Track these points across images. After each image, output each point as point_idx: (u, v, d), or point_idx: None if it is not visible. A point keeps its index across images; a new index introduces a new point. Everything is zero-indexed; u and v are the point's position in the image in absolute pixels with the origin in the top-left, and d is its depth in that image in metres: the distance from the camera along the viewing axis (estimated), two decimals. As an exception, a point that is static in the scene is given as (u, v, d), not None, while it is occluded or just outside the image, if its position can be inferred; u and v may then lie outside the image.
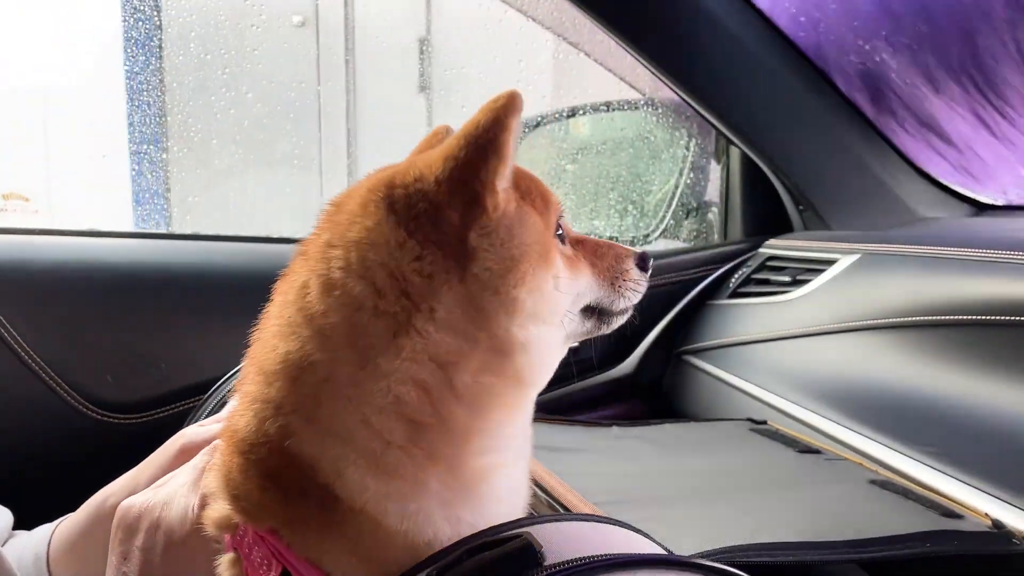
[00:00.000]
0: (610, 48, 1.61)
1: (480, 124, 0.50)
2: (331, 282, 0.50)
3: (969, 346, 0.99)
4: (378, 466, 0.49)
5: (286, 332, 0.51)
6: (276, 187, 1.97)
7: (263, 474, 0.51)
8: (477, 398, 0.51)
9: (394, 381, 0.49)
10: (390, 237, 0.50)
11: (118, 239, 1.42)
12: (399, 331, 0.50)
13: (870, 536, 0.72)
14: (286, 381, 0.50)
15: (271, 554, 0.51)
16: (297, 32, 2.10)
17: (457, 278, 0.51)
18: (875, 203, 1.51)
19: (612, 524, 0.55)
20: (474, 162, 0.50)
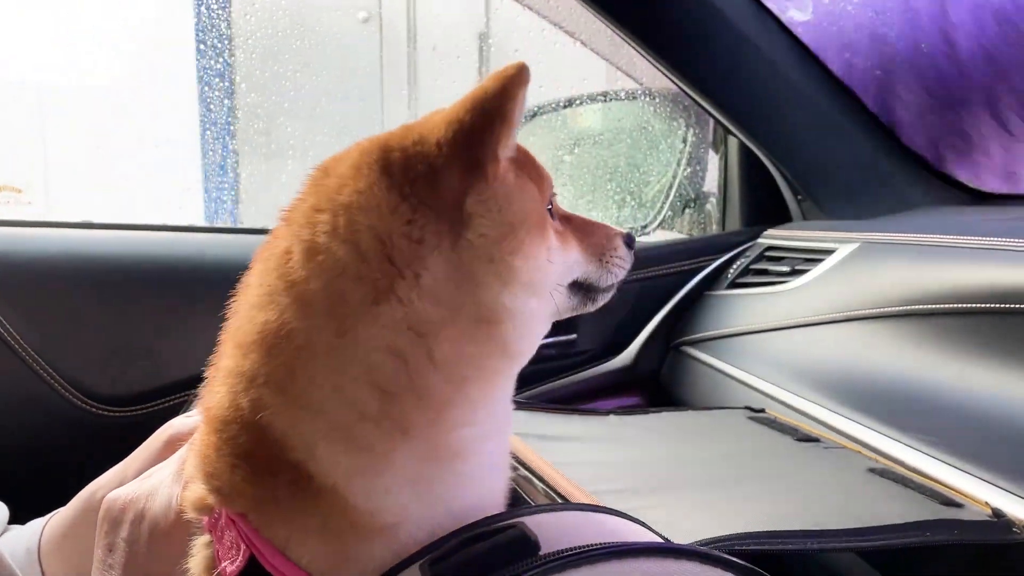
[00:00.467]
0: (608, 38, 1.60)
1: (488, 91, 0.50)
2: (315, 247, 0.49)
3: (968, 335, 0.98)
4: (349, 440, 0.48)
5: (264, 301, 0.50)
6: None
7: (235, 453, 0.50)
8: (456, 369, 0.50)
9: (370, 349, 0.48)
10: (382, 200, 0.49)
11: (111, 231, 1.41)
12: (379, 298, 0.48)
13: (869, 525, 0.71)
14: (261, 351, 0.49)
15: (239, 537, 0.50)
16: (362, 27, 2.12)
17: (449, 244, 0.50)
18: (873, 192, 1.50)
19: (609, 513, 0.54)
20: (479, 127, 0.50)
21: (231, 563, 0.50)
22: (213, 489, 0.52)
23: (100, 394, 1.29)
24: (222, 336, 0.54)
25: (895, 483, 0.84)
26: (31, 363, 1.26)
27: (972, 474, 0.85)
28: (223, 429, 0.51)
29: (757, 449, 0.97)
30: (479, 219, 0.50)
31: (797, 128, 1.49)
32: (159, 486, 0.62)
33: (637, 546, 0.46)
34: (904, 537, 0.70)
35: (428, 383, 0.49)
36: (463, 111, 0.50)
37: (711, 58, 1.42)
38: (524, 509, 0.52)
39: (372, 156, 0.51)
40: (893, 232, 1.25)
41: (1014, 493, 0.80)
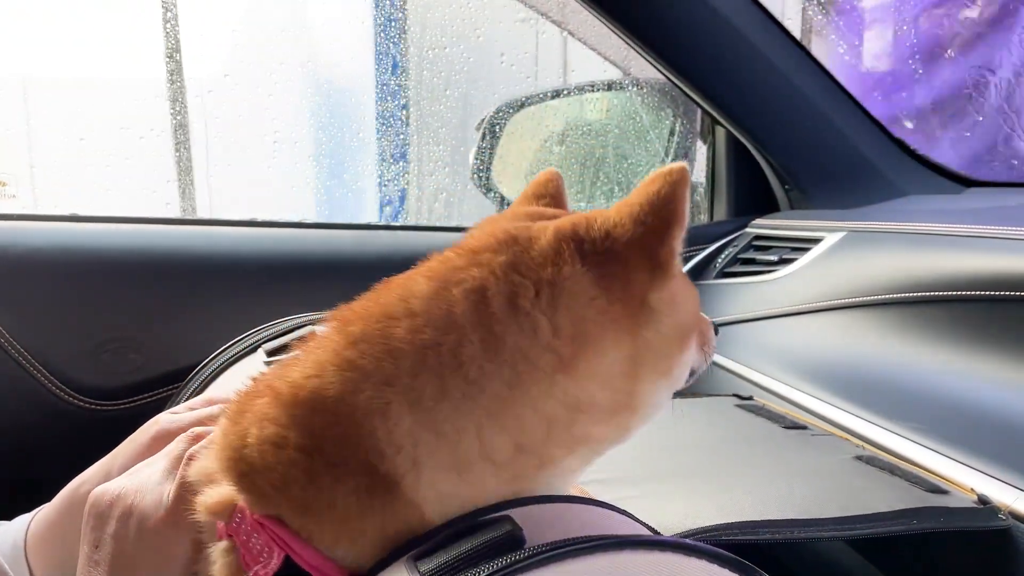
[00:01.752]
0: (596, 28, 1.60)
1: (662, 194, 0.53)
2: (517, 307, 0.51)
3: (954, 322, 0.99)
4: (464, 472, 0.50)
5: (443, 324, 0.51)
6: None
7: (307, 448, 0.49)
8: (577, 443, 0.53)
9: (531, 410, 0.51)
10: (585, 290, 0.52)
11: (97, 224, 1.41)
12: (559, 370, 0.51)
13: (856, 513, 0.71)
14: (418, 365, 0.49)
15: (272, 541, 0.49)
16: (519, 27, 2.17)
17: (630, 338, 0.53)
18: (860, 181, 1.51)
19: (594, 505, 0.54)
20: (660, 229, 0.53)
21: (263, 567, 0.49)
22: (248, 488, 0.51)
23: (87, 387, 1.28)
24: (349, 322, 0.53)
25: (882, 471, 0.84)
26: (17, 357, 1.25)
27: (958, 460, 0.86)
28: (304, 415, 0.50)
29: (744, 437, 0.97)
30: (659, 316, 0.54)
31: (784, 118, 1.50)
32: (148, 482, 0.61)
33: (624, 539, 0.46)
34: (890, 525, 0.71)
35: (552, 452, 0.52)
36: (646, 214, 0.53)
37: (699, 48, 1.42)
38: (510, 501, 0.52)
39: (570, 244, 0.53)
40: (879, 220, 1.26)
41: (999, 479, 0.80)
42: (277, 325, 1.06)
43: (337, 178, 2.15)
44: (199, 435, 0.64)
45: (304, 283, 1.43)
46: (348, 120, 2.23)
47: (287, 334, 1.00)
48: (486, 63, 2.10)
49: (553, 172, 0.66)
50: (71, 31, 1.93)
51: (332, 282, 1.43)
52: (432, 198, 2.25)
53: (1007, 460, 0.82)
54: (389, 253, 1.48)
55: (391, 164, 2.34)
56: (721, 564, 0.47)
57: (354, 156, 2.21)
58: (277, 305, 1.35)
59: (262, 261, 1.42)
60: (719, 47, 1.42)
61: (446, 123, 2.11)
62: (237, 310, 1.36)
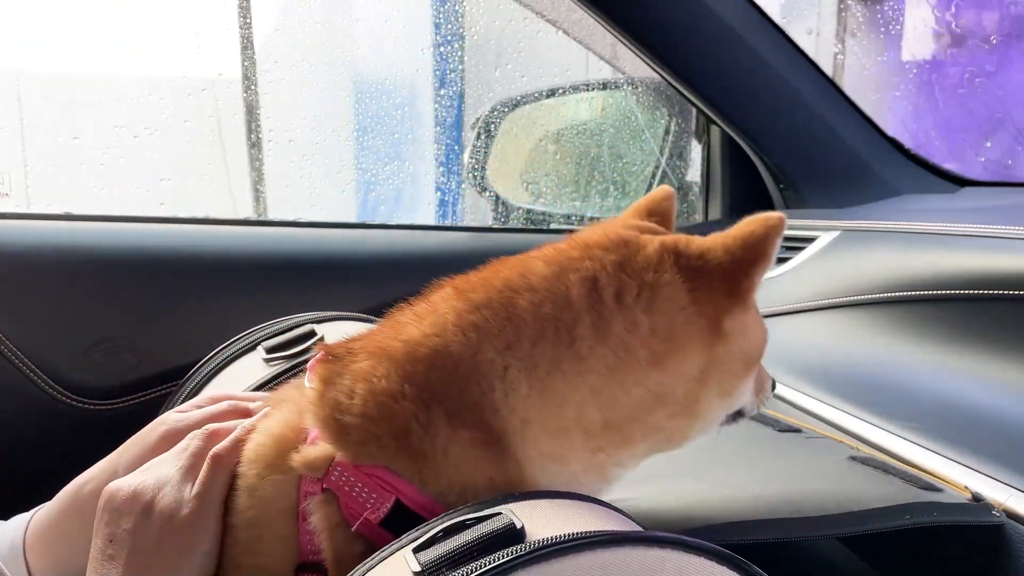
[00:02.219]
0: (590, 27, 1.60)
1: (756, 235, 0.61)
2: (622, 300, 0.59)
3: (948, 321, 0.99)
4: (561, 438, 0.57)
5: (561, 303, 0.58)
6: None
7: (427, 399, 0.55)
8: (653, 432, 0.61)
9: (623, 394, 0.58)
10: (680, 297, 0.60)
11: (90, 223, 1.40)
12: (653, 363, 0.59)
13: (851, 511, 0.72)
14: (536, 335, 0.57)
15: (382, 488, 0.53)
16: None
17: (707, 349, 0.61)
18: (855, 180, 1.51)
19: (589, 502, 0.54)
20: (747, 263, 0.61)
21: (372, 512, 0.53)
22: (351, 443, 0.55)
23: (81, 387, 1.28)
24: (470, 287, 0.60)
25: (876, 470, 0.85)
26: (10, 356, 1.25)
27: (951, 459, 0.86)
28: (421, 370, 0.56)
29: (739, 440, 0.97)
30: (730, 338, 0.61)
31: (778, 117, 1.50)
32: (167, 479, 0.62)
33: (623, 535, 0.46)
34: (885, 521, 0.71)
35: (631, 432, 0.60)
36: (737, 247, 0.61)
37: (694, 48, 1.43)
38: (509, 496, 0.52)
39: (671, 256, 0.61)
40: (873, 220, 1.26)
41: (992, 477, 0.81)
42: (275, 324, 1.06)
43: (395, 179, 2.17)
44: (215, 432, 0.66)
45: (299, 282, 1.42)
46: (405, 123, 2.24)
47: (285, 333, 1.00)
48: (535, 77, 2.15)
49: (668, 191, 0.73)
50: (66, 26, 1.93)
51: (326, 281, 1.43)
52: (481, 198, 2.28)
53: (1000, 458, 0.82)
54: (384, 252, 1.48)
55: (444, 167, 2.41)
56: (719, 561, 0.47)
57: (410, 158, 2.24)
58: (272, 304, 1.35)
59: (256, 260, 1.41)
60: (714, 46, 1.42)
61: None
62: (231, 309, 1.36)
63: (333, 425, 0.56)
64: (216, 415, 0.72)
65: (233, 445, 0.63)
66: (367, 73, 2.23)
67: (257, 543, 0.59)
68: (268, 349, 0.98)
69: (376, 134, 2.14)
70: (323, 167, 2.10)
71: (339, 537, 0.55)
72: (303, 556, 0.56)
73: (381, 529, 0.53)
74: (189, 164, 1.89)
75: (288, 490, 0.58)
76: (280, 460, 0.59)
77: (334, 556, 0.55)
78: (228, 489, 0.61)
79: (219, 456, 0.62)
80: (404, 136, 2.21)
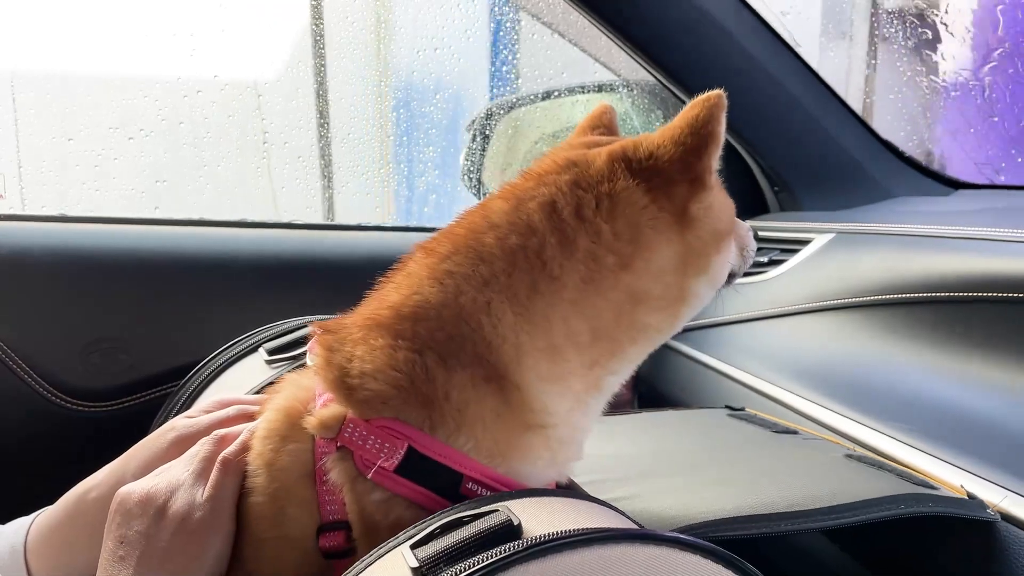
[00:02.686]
0: (585, 29, 1.60)
1: (700, 117, 0.63)
2: (582, 214, 0.61)
3: (942, 323, 1.00)
4: (555, 356, 0.60)
5: (524, 231, 0.61)
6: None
7: (420, 348, 0.58)
8: (639, 331, 0.64)
9: (603, 300, 0.61)
10: (638, 199, 0.62)
11: (85, 224, 1.40)
12: (623, 267, 0.61)
13: (844, 502, 0.72)
14: (509, 266, 0.60)
15: (393, 437, 0.56)
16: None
17: (677, 239, 0.63)
18: (849, 183, 1.51)
19: (586, 500, 0.55)
20: (698, 148, 0.63)
21: (386, 460, 0.55)
22: (361, 400, 0.57)
23: (76, 389, 1.28)
24: (439, 238, 0.63)
25: (871, 467, 0.85)
26: (4, 359, 1.24)
27: (947, 461, 0.86)
28: (411, 326, 0.59)
29: (735, 441, 0.98)
30: (699, 222, 0.64)
31: (773, 120, 1.50)
32: (179, 484, 0.63)
33: (619, 532, 0.46)
34: (879, 511, 0.71)
35: (618, 337, 0.62)
36: (684, 134, 0.63)
37: (689, 50, 1.43)
38: (506, 493, 0.52)
39: (621, 164, 0.63)
40: (867, 222, 1.27)
41: (987, 479, 0.81)
42: (277, 327, 1.06)
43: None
44: (225, 437, 0.67)
45: (294, 283, 1.42)
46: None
47: (287, 335, 1.00)
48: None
49: (606, 105, 0.78)
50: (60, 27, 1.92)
51: (322, 282, 1.43)
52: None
53: (994, 460, 0.83)
54: (378, 254, 1.48)
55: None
56: (713, 559, 0.47)
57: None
58: (268, 305, 1.35)
59: (252, 261, 1.41)
60: (709, 49, 1.42)
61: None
62: (227, 310, 1.36)
63: (341, 386, 0.59)
64: (225, 420, 0.72)
65: (241, 448, 0.64)
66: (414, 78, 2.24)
67: (280, 514, 0.60)
68: (270, 351, 0.98)
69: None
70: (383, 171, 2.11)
71: (359, 489, 0.57)
72: (324, 517, 0.58)
73: (398, 476, 0.55)
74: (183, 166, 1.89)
75: (305, 457, 0.60)
76: (292, 431, 0.61)
77: (357, 507, 0.57)
78: (239, 492, 0.62)
79: (228, 460, 0.63)
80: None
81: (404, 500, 0.56)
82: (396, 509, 0.56)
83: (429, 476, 0.55)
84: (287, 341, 0.98)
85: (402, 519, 0.55)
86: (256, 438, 0.63)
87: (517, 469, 0.59)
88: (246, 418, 0.72)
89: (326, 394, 0.60)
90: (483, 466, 0.57)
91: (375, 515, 0.56)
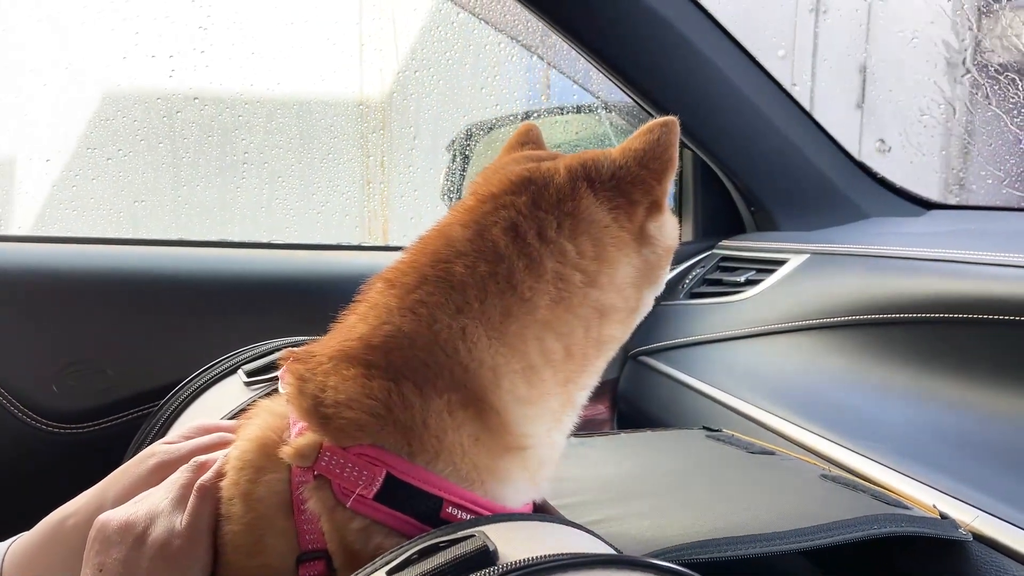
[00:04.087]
0: (564, 51, 1.62)
1: (661, 143, 0.66)
2: (545, 236, 0.63)
3: (914, 344, 1.01)
4: (531, 377, 0.61)
5: (491, 257, 0.62)
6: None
7: (397, 376, 0.58)
8: (604, 344, 0.66)
9: (573, 318, 0.63)
10: (601, 218, 0.64)
11: (61, 244, 1.39)
12: (590, 283, 0.63)
13: (817, 524, 0.72)
14: (481, 293, 0.60)
15: (371, 464, 0.56)
16: (780, 63, 2.47)
17: (635, 255, 0.66)
18: (824, 203, 1.53)
19: (562, 524, 0.55)
20: (658, 172, 0.66)
21: (365, 488, 0.55)
22: (336, 428, 0.57)
23: (52, 411, 1.26)
24: (403, 269, 0.64)
25: (845, 488, 0.86)
26: (-22, 379, 1.23)
27: (920, 481, 0.87)
28: (383, 356, 0.59)
29: (712, 463, 0.98)
30: (655, 240, 0.67)
31: (749, 141, 1.52)
32: (159, 512, 0.63)
33: (594, 558, 0.47)
34: (852, 531, 0.71)
35: (588, 352, 0.64)
36: (648, 158, 0.66)
37: (666, 73, 1.45)
38: (482, 518, 0.52)
39: (584, 183, 0.65)
40: (841, 243, 1.28)
41: (960, 499, 0.82)
42: (255, 348, 1.06)
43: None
44: (203, 464, 0.66)
45: (274, 303, 1.42)
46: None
47: (266, 356, 1.00)
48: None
49: (530, 124, 0.80)
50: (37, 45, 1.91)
51: (300, 303, 1.43)
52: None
53: (966, 478, 0.84)
54: (359, 273, 1.48)
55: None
56: (687, 582, 0.48)
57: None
58: (247, 325, 1.34)
59: (232, 282, 1.41)
60: (686, 71, 1.44)
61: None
62: (206, 331, 1.35)
63: (316, 415, 0.58)
64: (205, 447, 0.72)
65: (217, 476, 0.64)
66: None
67: (259, 544, 0.60)
68: (248, 373, 0.97)
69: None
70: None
71: (338, 518, 0.56)
72: (303, 547, 0.58)
73: (377, 503, 0.55)
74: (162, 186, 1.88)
75: (281, 487, 0.59)
76: (267, 461, 0.61)
77: (337, 536, 0.56)
78: (216, 518, 0.62)
79: (205, 487, 0.63)
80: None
81: (384, 527, 0.55)
82: (376, 537, 0.55)
83: (408, 502, 0.55)
84: (266, 363, 0.98)
85: (382, 547, 0.54)
86: (230, 468, 0.63)
87: (497, 492, 0.59)
88: (227, 445, 0.71)
89: (300, 423, 0.60)
90: (463, 490, 0.57)
91: (355, 544, 0.56)
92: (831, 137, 1.53)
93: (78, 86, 1.86)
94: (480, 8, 1.72)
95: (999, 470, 0.84)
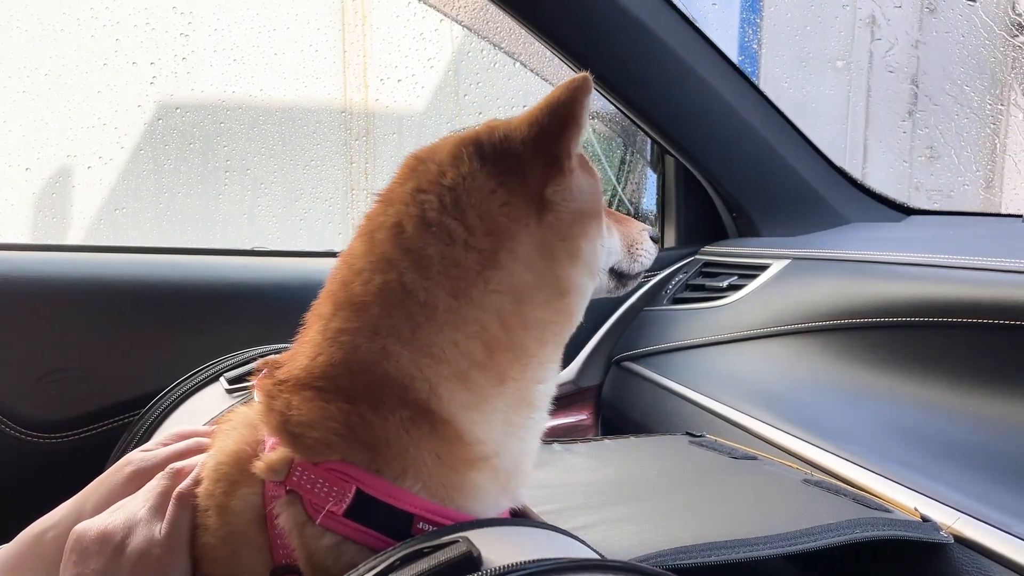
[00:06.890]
0: (548, 59, 1.62)
1: (560, 99, 0.60)
2: (427, 220, 0.58)
3: (893, 348, 1.02)
4: (464, 380, 0.57)
5: (382, 266, 0.58)
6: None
7: (349, 399, 0.56)
8: (540, 331, 0.61)
9: (480, 309, 0.58)
10: (484, 184, 0.59)
11: (40, 252, 1.38)
12: (487, 264, 0.58)
13: (800, 528, 0.72)
14: (384, 308, 0.57)
15: (342, 480, 0.55)
16: (838, 74, 2.57)
17: (535, 223, 0.60)
18: (805, 209, 1.54)
19: (547, 529, 0.55)
20: (556, 130, 0.60)
21: (335, 504, 0.55)
22: (305, 446, 0.57)
23: (32, 420, 1.25)
24: (320, 303, 0.62)
25: (827, 492, 0.86)
26: (-43, 389, 1.22)
27: (900, 483, 0.87)
28: (329, 383, 0.57)
29: (695, 468, 0.98)
30: (556, 206, 0.61)
31: (731, 148, 1.53)
32: (136, 520, 0.62)
33: (578, 562, 0.47)
34: (835, 536, 0.72)
35: (521, 342, 0.59)
36: (542, 115, 0.60)
37: (649, 81, 1.45)
38: (466, 524, 0.52)
39: (469, 149, 0.60)
40: (822, 248, 1.29)
41: (940, 501, 0.82)
42: (237, 356, 1.05)
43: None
44: (180, 471, 0.66)
45: (253, 311, 1.41)
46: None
47: (247, 364, 1.00)
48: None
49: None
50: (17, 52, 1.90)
51: (281, 310, 1.41)
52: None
53: (947, 480, 0.84)
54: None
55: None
56: (670, 586, 0.48)
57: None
58: (228, 332, 1.33)
59: (212, 289, 1.40)
60: (668, 79, 1.45)
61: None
62: (187, 338, 1.34)
63: (285, 432, 0.58)
64: (181, 453, 0.71)
65: (195, 483, 0.63)
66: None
67: (234, 557, 0.60)
68: (230, 380, 0.97)
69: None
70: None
71: (307, 534, 0.56)
72: (276, 560, 0.57)
73: (347, 520, 0.55)
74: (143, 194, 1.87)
75: (255, 500, 0.59)
76: (242, 474, 0.60)
77: (305, 553, 0.56)
78: (194, 524, 0.62)
79: (183, 495, 0.63)
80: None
81: (355, 544, 0.55)
82: (347, 553, 0.55)
83: (379, 518, 0.55)
84: (247, 370, 0.98)
85: (354, 563, 0.53)
86: (206, 478, 0.62)
87: (467, 507, 0.58)
88: (203, 450, 0.71)
89: (272, 437, 0.60)
90: (433, 504, 0.56)
91: (325, 560, 0.55)
92: (812, 143, 1.54)
93: (57, 93, 1.84)
94: (462, 15, 1.72)
95: (977, 472, 0.85)
